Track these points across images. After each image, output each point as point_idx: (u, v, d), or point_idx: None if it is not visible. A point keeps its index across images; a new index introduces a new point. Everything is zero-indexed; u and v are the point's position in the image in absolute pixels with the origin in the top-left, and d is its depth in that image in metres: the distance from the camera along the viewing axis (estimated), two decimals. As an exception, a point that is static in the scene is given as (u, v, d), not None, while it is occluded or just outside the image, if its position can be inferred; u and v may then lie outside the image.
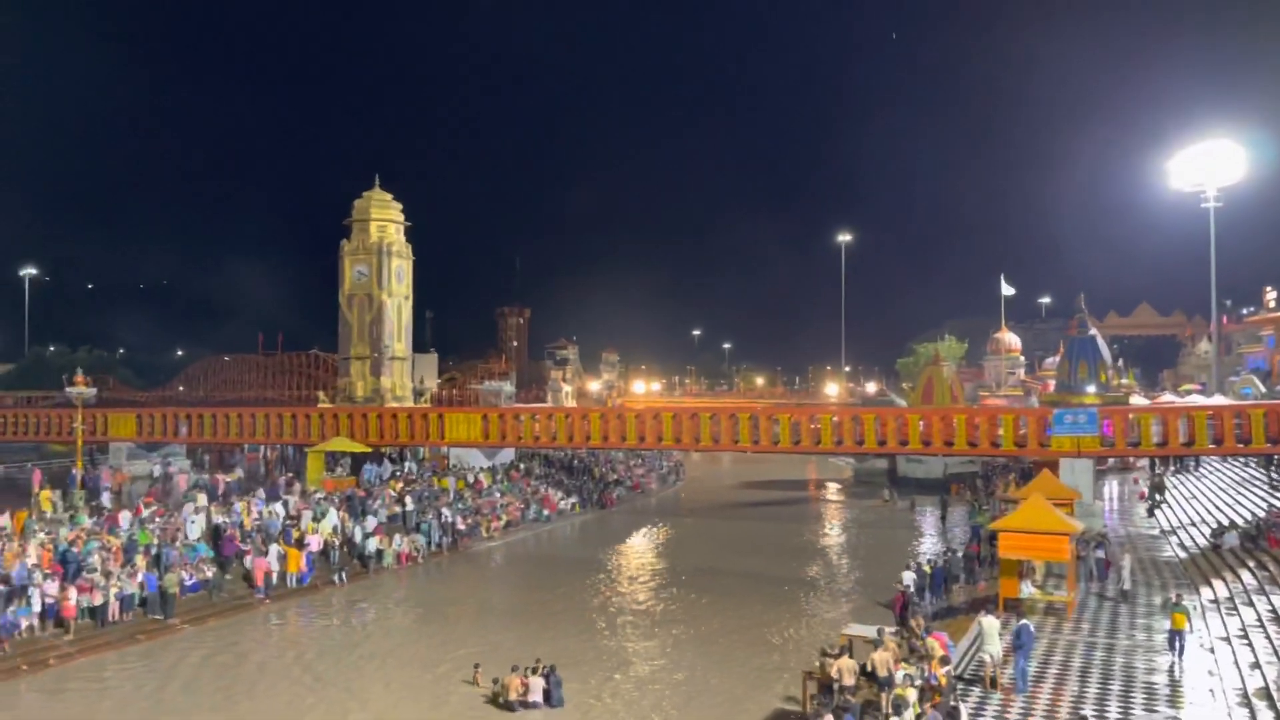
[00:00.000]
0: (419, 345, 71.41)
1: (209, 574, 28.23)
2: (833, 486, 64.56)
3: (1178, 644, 18.51)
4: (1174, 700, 16.87)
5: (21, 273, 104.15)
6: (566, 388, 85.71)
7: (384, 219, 53.86)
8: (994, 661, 17.79)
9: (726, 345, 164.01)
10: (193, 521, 31.43)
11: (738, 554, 39.16)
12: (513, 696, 19.44)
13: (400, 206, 54.85)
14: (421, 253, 55.90)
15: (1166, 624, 19.52)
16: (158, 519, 31.67)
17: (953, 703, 15.04)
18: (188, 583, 27.29)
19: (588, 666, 22.51)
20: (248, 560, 29.72)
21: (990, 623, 18.22)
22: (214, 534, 31.07)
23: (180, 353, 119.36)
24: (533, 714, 19.31)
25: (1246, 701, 16.45)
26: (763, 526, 47.77)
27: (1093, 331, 52.73)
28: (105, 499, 38.36)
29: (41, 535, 28.01)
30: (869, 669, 17.38)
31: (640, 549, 40.41)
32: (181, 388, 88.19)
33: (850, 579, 33.86)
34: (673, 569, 35.38)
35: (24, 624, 23.13)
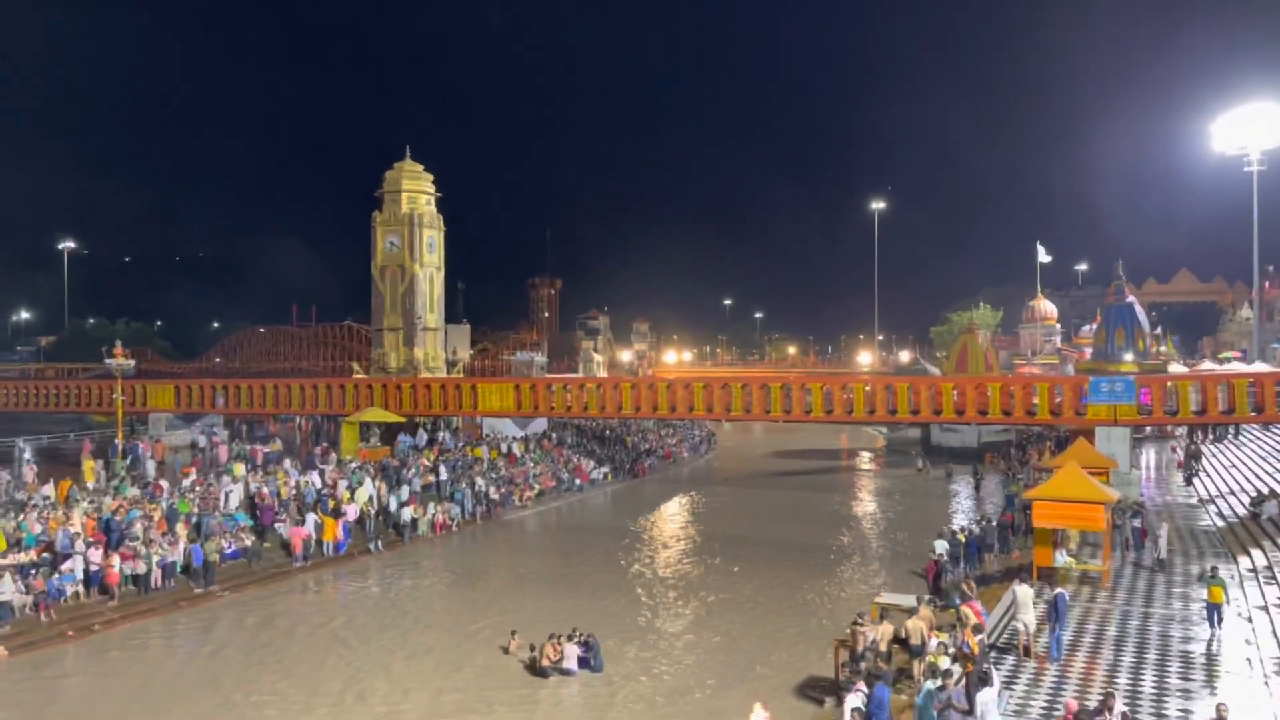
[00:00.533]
0: (451, 316, 71.78)
1: (248, 542, 28.72)
2: (865, 456, 64.39)
3: (1215, 617, 18.28)
4: (1210, 670, 16.73)
5: (60, 245, 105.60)
6: (598, 358, 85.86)
7: (415, 190, 54.04)
8: (1027, 630, 17.72)
9: (758, 314, 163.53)
10: (230, 491, 31.92)
11: (770, 523, 39.22)
12: (546, 663, 19.65)
13: (431, 178, 54.99)
14: (453, 224, 56.16)
15: (1204, 594, 19.27)
16: (197, 489, 32.21)
17: (985, 668, 15.00)
18: (227, 551, 27.80)
19: (622, 633, 22.69)
20: (280, 528, 30.20)
21: (1025, 591, 18.11)
22: (251, 503, 31.57)
23: (216, 324, 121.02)
24: (567, 680, 19.53)
25: (1285, 671, 16.29)
26: (795, 495, 47.78)
27: (1131, 299, 52.09)
28: (150, 469, 39.03)
29: (85, 504, 28.59)
30: (903, 636, 17.39)
31: (673, 517, 40.59)
32: (218, 359, 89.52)
33: (883, 548, 33.83)
34: (705, 537, 35.53)
35: (69, 591, 23.69)
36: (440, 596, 27.14)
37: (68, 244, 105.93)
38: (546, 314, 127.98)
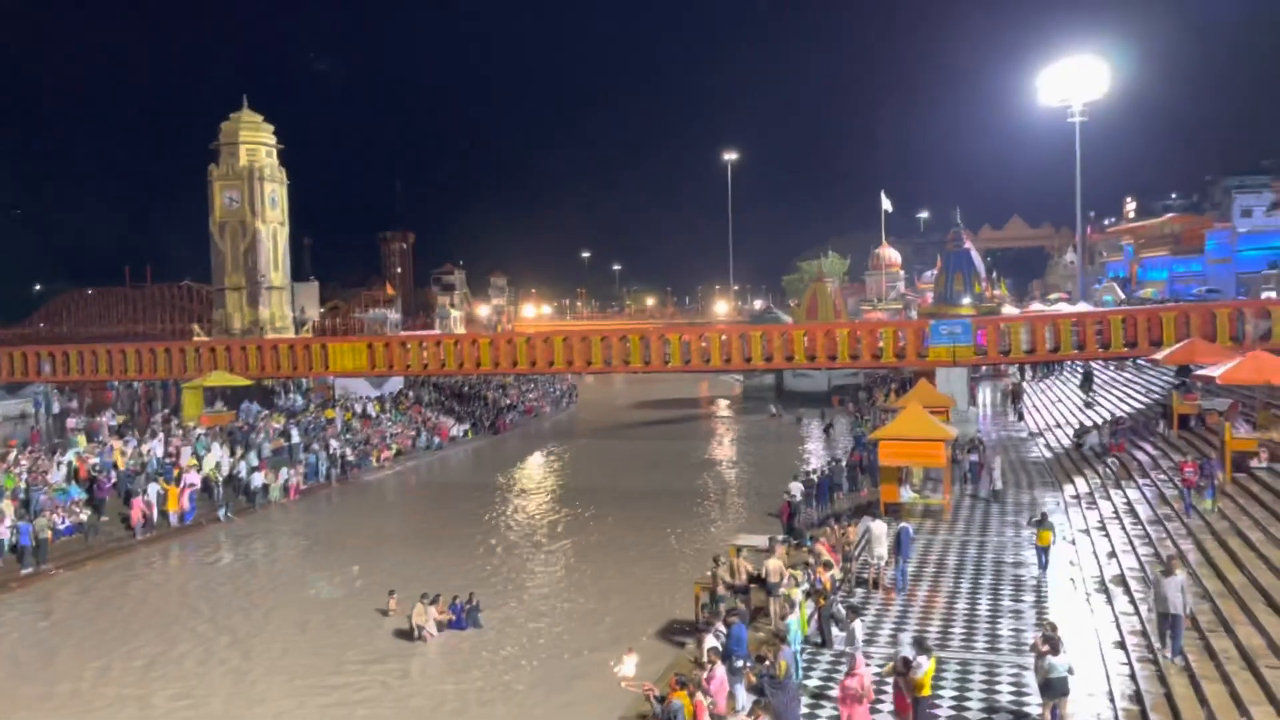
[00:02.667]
0: (298, 274, 69.13)
1: (83, 517, 27.13)
2: (723, 403, 65.81)
3: (1043, 559, 19.27)
4: (1039, 592, 17.94)
5: None
6: (455, 313, 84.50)
7: (254, 142, 51.54)
8: (879, 564, 18.56)
9: (616, 267, 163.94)
10: (60, 464, 30.04)
11: (632, 472, 39.73)
12: (420, 623, 19.32)
13: (271, 129, 52.55)
14: (296, 177, 53.88)
15: (1034, 536, 20.05)
16: (23, 462, 30.17)
17: (838, 605, 15.69)
18: (61, 527, 26.19)
19: (489, 589, 22.54)
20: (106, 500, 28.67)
21: (879, 526, 18.92)
22: (86, 475, 29.77)
23: (38, 287, 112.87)
24: (437, 640, 19.29)
25: (1104, 588, 17.62)
26: (656, 444, 48.50)
27: (968, 245, 54.53)
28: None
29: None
30: (761, 575, 17.95)
31: (535, 471, 40.60)
32: (42, 324, 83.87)
33: (741, 491, 34.78)
34: (568, 489, 35.71)
35: (-119, 578, 21.91)
36: (296, 562, 26.39)
37: None
38: (399, 269, 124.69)
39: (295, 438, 37.56)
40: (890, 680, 12.35)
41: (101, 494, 28.63)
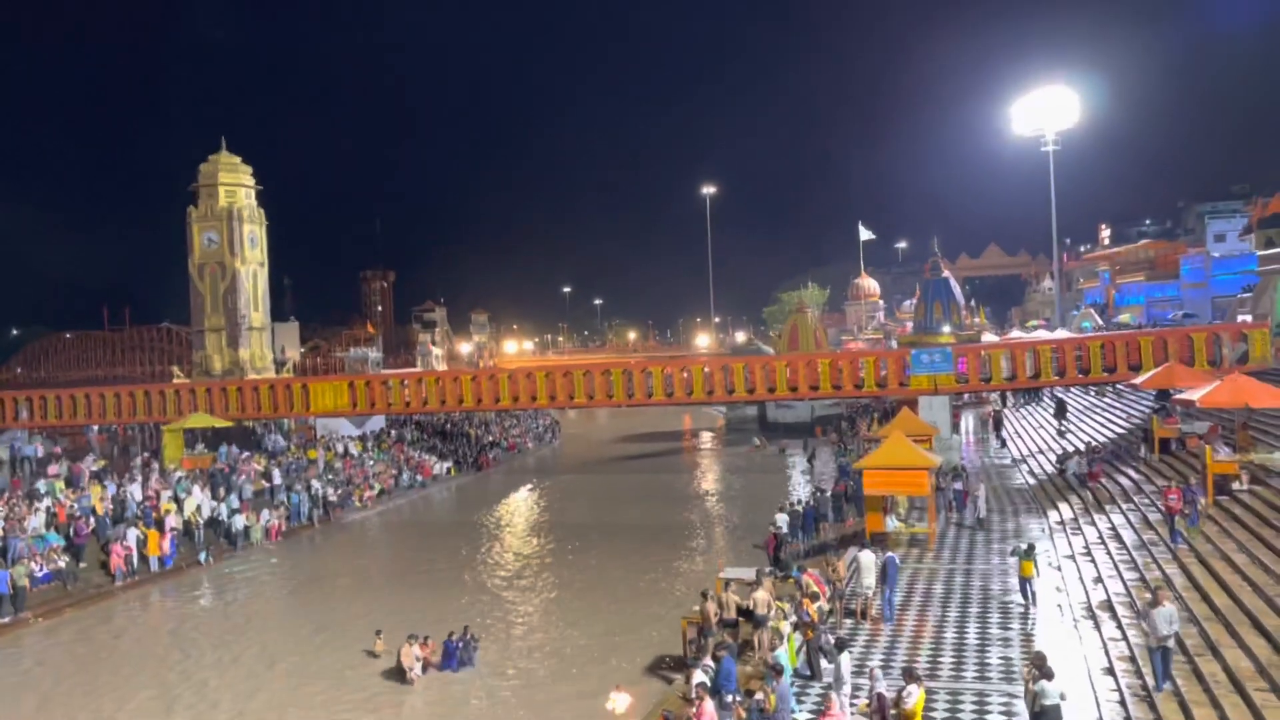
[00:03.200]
0: (278, 314, 68.96)
1: (61, 564, 26.74)
2: (707, 436, 65.75)
3: (1028, 590, 19.18)
4: (1026, 619, 17.92)
5: None
6: (436, 351, 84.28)
7: (233, 183, 51.54)
8: (867, 594, 18.49)
9: (598, 301, 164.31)
10: (38, 510, 29.64)
11: (616, 506, 39.58)
12: (407, 664, 19.10)
13: (250, 170, 52.59)
14: (275, 217, 53.87)
15: (1017, 567, 19.94)
16: None
17: (826, 636, 15.60)
18: (39, 574, 25.79)
19: (476, 627, 22.32)
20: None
21: (867, 557, 18.85)
22: (65, 520, 29.36)
23: (15, 332, 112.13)
24: (423, 680, 19.05)
25: (1091, 614, 17.62)
26: (640, 478, 48.36)
27: (946, 274, 54.99)
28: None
29: None
30: (750, 608, 17.86)
31: (519, 508, 40.39)
32: (19, 369, 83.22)
33: (726, 524, 34.67)
34: (553, 525, 35.53)
35: None
36: (279, 604, 26.09)
37: None
38: (380, 308, 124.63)
39: (277, 479, 37.26)
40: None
41: (80, 540, 28.25)
